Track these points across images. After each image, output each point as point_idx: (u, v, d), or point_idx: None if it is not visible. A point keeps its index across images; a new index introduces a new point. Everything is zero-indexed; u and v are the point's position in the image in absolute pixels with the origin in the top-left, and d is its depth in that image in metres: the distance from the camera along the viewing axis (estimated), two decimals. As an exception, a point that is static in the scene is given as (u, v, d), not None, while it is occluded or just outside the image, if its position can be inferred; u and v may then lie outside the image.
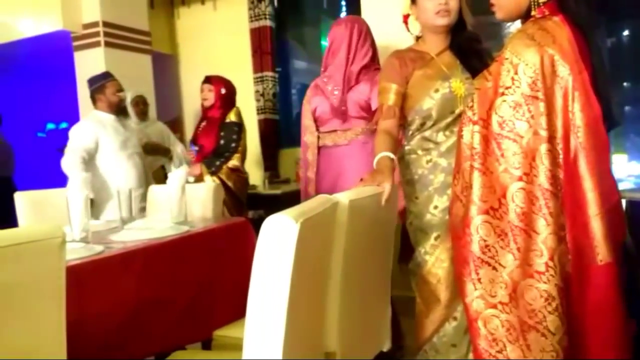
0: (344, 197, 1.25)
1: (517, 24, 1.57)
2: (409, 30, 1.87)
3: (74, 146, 2.96)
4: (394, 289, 1.74)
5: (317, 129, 2.47)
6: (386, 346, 1.63)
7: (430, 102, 1.73)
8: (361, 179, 1.55)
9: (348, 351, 1.35)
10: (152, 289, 1.68)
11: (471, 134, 1.43)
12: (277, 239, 0.97)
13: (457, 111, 1.72)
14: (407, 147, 1.82)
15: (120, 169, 3.04)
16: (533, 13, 1.45)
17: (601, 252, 1.34)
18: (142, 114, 3.73)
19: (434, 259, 1.72)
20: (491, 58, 1.78)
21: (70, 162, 2.87)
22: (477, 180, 1.39)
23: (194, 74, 4.74)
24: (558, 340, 1.33)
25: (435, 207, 1.73)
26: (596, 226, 1.33)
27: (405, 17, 1.86)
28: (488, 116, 1.39)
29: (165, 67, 4.81)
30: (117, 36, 4.05)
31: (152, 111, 4.28)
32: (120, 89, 3.16)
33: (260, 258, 0.98)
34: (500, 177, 1.36)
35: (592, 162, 1.34)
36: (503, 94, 1.38)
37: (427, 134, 1.76)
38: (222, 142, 3.11)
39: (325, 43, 6.62)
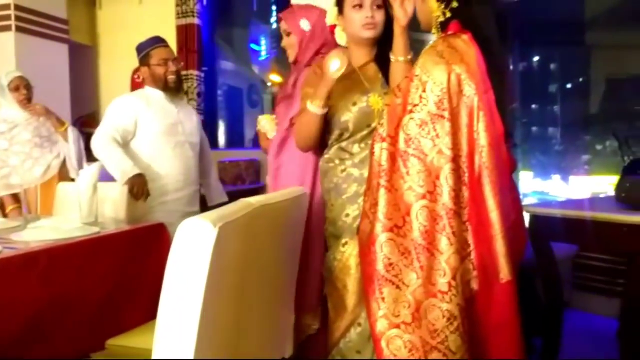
0: (256, 202, 1.23)
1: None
2: (336, 41, 1.88)
3: (105, 125, 2.41)
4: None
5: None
6: (288, 353, 1.63)
7: (348, 115, 1.76)
8: None
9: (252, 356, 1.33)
10: (56, 294, 1.56)
11: (380, 151, 1.42)
12: (194, 244, 0.93)
13: (374, 125, 1.75)
14: (326, 156, 1.84)
15: (161, 159, 2.46)
16: (434, 32, 1.47)
17: (503, 270, 1.36)
18: (27, 100, 2.98)
19: (342, 265, 1.75)
20: None
21: (98, 144, 2.36)
22: (382, 197, 1.38)
23: (114, 67, 4.53)
24: None
25: (347, 215, 1.77)
26: (499, 245, 1.35)
27: (332, 28, 1.87)
28: (396, 133, 1.39)
29: (84, 59, 4.56)
30: (30, 21, 3.78)
31: (66, 104, 4.05)
32: (171, 58, 2.55)
33: (175, 263, 0.94)
34: (405, 195, 1.36)
35: (495, 181, 1.36)
36: (411, 111, 1.37)
37: (344, 144, 1.80)
38: None
39: (255, 46, 6.61)
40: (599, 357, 2.47)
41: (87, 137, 4.29)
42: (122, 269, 1.85)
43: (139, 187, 2.27)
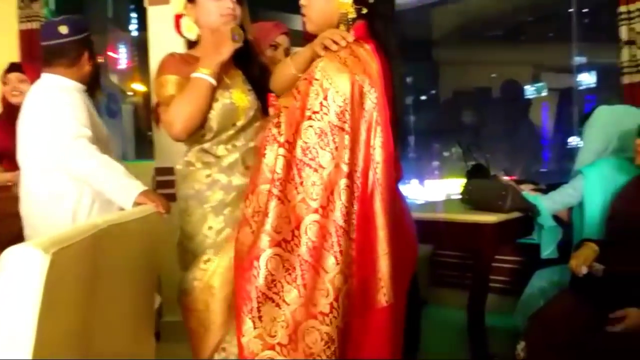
0: (102, 222, 1.14)
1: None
2: (180, 33, 1.70)
3: (80, 128, 1.79)
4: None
5: None
6: None
7: (211, 112, 1.60)
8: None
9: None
10: None
11: (275, 156, 1.31)
12: (21, 275, 0.82)
13: (239, 124, 1.64)
14: (185, 159, 1.66)
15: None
16: (342, 29, 1.39)
17: (387, 292, 1.32)
18: None
19: (203, 285, 1.58)
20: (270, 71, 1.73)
21: (94, 159, 1.75)
22: (274, 209, 1.27)
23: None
24: None
25: (210, 228, 1.60)
26: (383, 265, 1.32)
27: (178, 17, 1.68)
28: (294, 139, 1.30)
29: None
30: None
31: None
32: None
33: (-2, 298, 0.83)
34: (297, 207, 1.27)
35: (386, 199, 1.33)
36: (310, 118, 1.29)
37: (206, 146, 1.63)
38: None
39: (112, 54, 6.23)
40: (458, 347, 2.67)
41: None
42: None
43: (162, 199, 1.71)
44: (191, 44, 1.73)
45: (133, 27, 5.71)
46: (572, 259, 1.86)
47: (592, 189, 2.07)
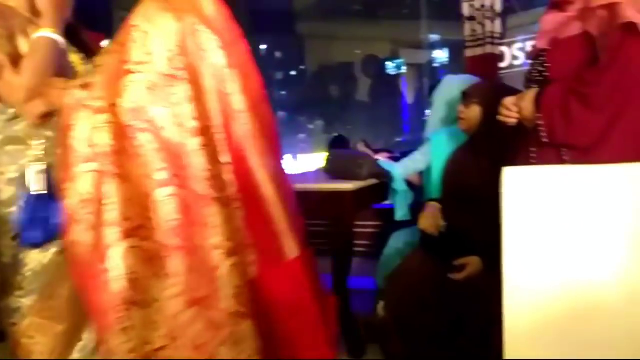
0: None
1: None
2: None
3: None
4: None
5: None
6: None
7: None
8: None
9: None
10: None
11: (92, 126, 1.08)
12: None
13: None
14: (8, 135, 1.35)
15: None
16: None
17: (288, 247, 1.22)
18: None
19: (42, 271, 1.33)
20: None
21: None
22: (115, 191, 1.05)
23: None
24: None
25: None
26: (278, 220, 1.20)
27: None
28: (119, 102, 1.08)
29: None
30: None
31: None
32: None
33: None
34: (141, 184, 1.06)
35: (261, 152, 1.18)
36: (131, 71, 1.06)
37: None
38: None
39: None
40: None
41: None
42: None
43: None
44: None
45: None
46: (420, 219, 2.01)
47: (436, 154, 2.24)
